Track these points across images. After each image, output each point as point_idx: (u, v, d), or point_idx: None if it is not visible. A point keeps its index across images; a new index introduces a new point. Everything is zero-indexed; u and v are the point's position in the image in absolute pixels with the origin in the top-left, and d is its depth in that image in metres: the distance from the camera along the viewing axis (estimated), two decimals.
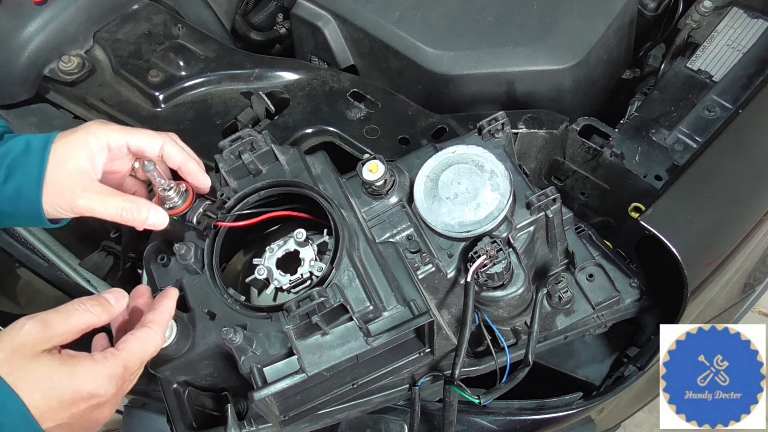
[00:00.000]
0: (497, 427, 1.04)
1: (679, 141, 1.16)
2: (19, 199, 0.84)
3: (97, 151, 0.87)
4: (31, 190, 0.84)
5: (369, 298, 0.85)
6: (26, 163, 0.85)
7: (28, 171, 0.84)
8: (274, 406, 0.90)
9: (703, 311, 1.09)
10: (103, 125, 0.89)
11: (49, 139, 0.86)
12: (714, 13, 1.33)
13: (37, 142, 0.86)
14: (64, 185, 0.84)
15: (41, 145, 0.86)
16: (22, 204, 0.84)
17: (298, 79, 1.29)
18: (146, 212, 0.87)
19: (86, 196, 0.85)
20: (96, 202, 0.85)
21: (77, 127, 0.88)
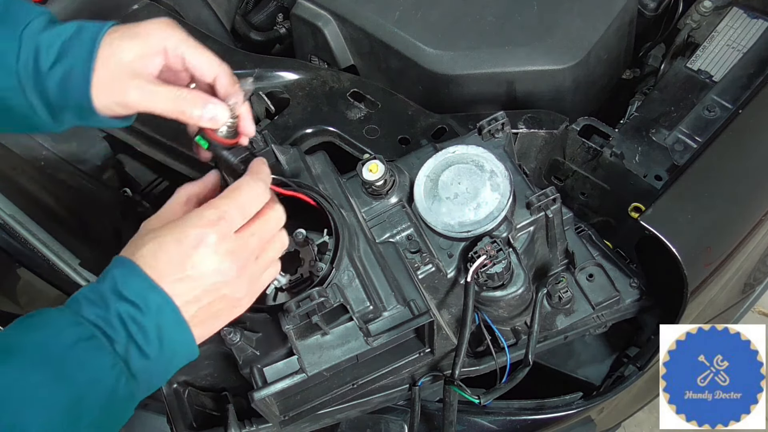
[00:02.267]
0: (497, 427, 1.04)
1: (679, 141, 1.16)
2: (67, 87, 0.78)
3: (156, 52, 0.80)
4: (79, 77, 0.78)
5: (369, 298, 0.85)
6: (77, 46, 0.78)
7: (77, 56, 0.78)
8: (274, 406, 0.90)
9: (703, 311, 1.09)
10: (169, 27, 0.81)
11: (104, 25, 0.80)
12: (714, 13, 1.33)
13: (91, 26, 0.80)
14: (115, 76, 0.78)
15: (95, 29, 0.79)
16: (71, 92, 0.78)
17: (298, 79, 1.29)
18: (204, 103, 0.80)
19: (138, 86, 0.78)
20: (148, 92, 0.79)
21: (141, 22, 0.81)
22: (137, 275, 0.69)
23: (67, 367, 0.64)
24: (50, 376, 0.64)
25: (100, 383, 0.65)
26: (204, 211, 0.73)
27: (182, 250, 0.71)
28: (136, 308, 0.68)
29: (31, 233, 1.36)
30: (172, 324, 0.70)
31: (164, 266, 0.70)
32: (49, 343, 0.65)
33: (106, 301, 0.68)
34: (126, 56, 0.79)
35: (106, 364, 0.66)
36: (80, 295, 0.69)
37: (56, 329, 0.66)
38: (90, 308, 0.67)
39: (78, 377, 0.64)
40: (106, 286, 0.69)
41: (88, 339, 0.65)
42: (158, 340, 0.68)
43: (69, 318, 0.67)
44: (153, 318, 0.68)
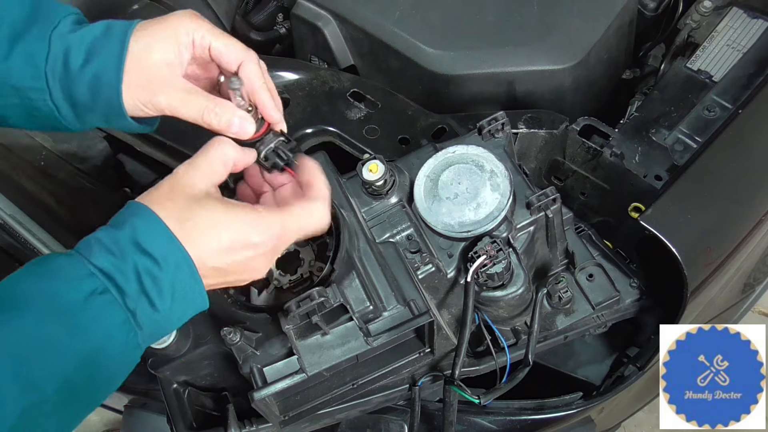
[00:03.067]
0: (497, 427, 1.04)
1: (679, 141, 1.16)
2: (98, 87, 0.77)
3: (184, 46, 0.79)
4: (110, 77, 0.77)
5: (369, 298, 0.85)
6: (106, 46, 0.77)
7: (107, 55, 0.77)
8: (274, 406, 0.90)
9: (703, 311, 1.09)
10: (194, 19, 0.80)
11: (131, 24, 0.80)
12: (714, 13, 1.33)
13: (119, 25, 0.80)
14: (146, 77, 0.78)
15: (123, 28, 0.79)
16: (101, 92, 0.78)
17: (298, 79, 1.29)
18: (231, 116, 0.79)
19: (168, 93, 0.78)
20: (177, 99, 0.78)
21: (165, 15, 0.81)
22: (162, 231, 0.69)
23: (80, 321, 0.64)
24: (64, 330, 0.63)
25: (113, 338, 0.65)
26: (272, 224, 0.74)
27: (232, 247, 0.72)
28: (155, 263, 0.67)
29: (31, 233, 1.36)
30: (187, 283, 0.70)
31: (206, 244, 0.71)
32: (61, 295, 0.64)
33: (124, 250, 0.67)
34: (156, 56, 0.78)
35: (118, 320, 0.66)
36: (93, 240, 0.68)
37: (69, 280, 0.65)
38: (104, 256, 0.67)
39: (92, 332, 0.64)
40: (125, 234, 0.68)
41: (101, 293, 0.65)
42: (171, 296, 0.68)
43: (81, 268, 0.66)
44: (170, 274, 0.68)
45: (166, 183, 0.73)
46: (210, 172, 0.75)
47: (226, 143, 0.77)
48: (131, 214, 0.70)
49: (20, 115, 0.81)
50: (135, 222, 0.69)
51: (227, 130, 0.80)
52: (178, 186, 0.73)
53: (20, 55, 0.76)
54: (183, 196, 0.72)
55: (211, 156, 0.76)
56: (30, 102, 0.79)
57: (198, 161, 0.75)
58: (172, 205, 0.71)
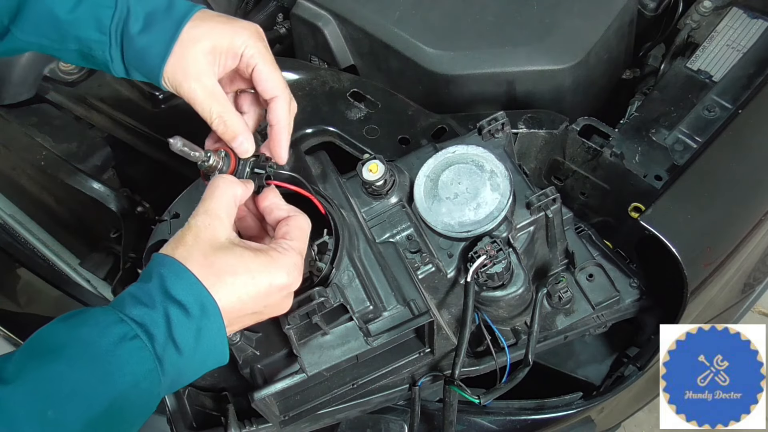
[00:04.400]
0: (497, 427, 1.04)
1: (679, 141, 1.16)
2: (145, 56, 0.81)
3: (232, 54, 0.83)
4: (158, 52, 0.81)
5: (369, 298, 0.85)
6: (163, 23, 0.81)
7: (161, 32, 0.81)
8: (274, 406, 0.90)
9: (703, 311, 1.09)
10: (255, 35, 0.84)
11: (193, 9, 0.83)
12: (714, 13, 1.33)
13: (182, 5, 0.83)
14: (184, 65, 0.81)
15: (184, 10, 0.82)
16: (147, 61, 0.82)
17: (298, 79, 1.29)
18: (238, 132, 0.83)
19: (194, 85, 0.81)
20: (200, 95, 0.82)
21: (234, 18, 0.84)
22: (189, 279, 0.70)
23: (110, 366, 0.65)
24: (94, 375, 0.65)
25: (139, 385, 0.66)
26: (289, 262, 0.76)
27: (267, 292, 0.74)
28: (183, 309, 0.68)
29: (31, 233, 1.36)
30: (212, 330, 0.70)
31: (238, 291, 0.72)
32: (93, 341, 0.66)
33: (153, 299, 0.68)
34: (202, 50, 0.81)
35: (146, 366, 0.66)
36: (126, 294, 0.70)
37: (100, 326, 0.66)
38: (135, 306, 0.68)
39: (119, 377, 0.65)
40: (153, 285, 0.69)
41: (131, 338, 0.66)
42: (195, 343, 0.69)
43: (113, 316, 0.67)
44: (197, 321, 0.69)
45: (188, 235, 0.73)
46: (227, 216, 0.76)
47: (231, 183, 0.79)
48: (158, 265, 0.71)
49: (75, 57, 0.85)
50: (162, 272, 0.70)
51: (229, 142, 0.84)
52: (201, 238, 0.73)
53: (88, 8, 0.80)
54: (209, 246, 0.73)
55: (224, 200, 0.77)
56: (89, 50, 0.83)
57: (212, 208, 0.76)
58: (199, 256, 0.72)
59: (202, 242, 0.73)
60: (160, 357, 0.67)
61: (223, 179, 0.79)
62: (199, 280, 0.70)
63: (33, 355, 0.65)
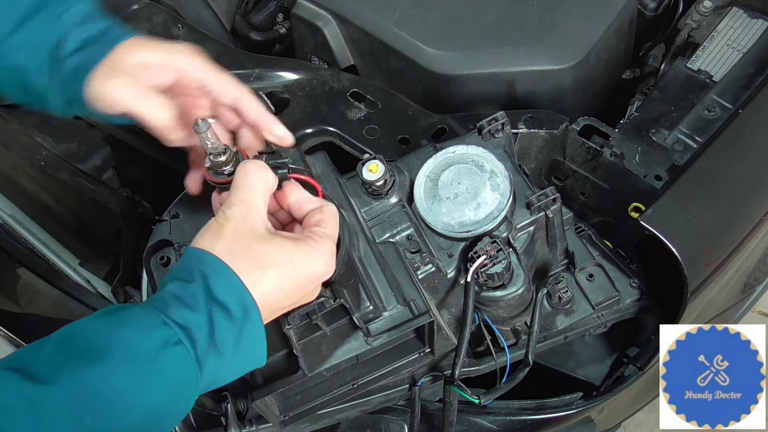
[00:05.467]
0: (497, 427, 1.04)
1: (679, 141, 1.16)
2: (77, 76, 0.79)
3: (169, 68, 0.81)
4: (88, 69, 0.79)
5: (369, 298, 0.85)
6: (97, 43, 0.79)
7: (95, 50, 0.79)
8: (274, 406, 0.90)
9: (703, 311, 1.09)
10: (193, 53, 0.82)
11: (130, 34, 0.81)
12: (714, 13, 1.33)
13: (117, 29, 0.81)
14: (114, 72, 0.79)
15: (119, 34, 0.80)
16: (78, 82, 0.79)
17: (298, 79, 1.29)
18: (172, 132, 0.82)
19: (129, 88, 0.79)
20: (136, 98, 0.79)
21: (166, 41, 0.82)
22: (233, 281, 0.68)
23: (152, 373, 0.63)
24: (136, 381, 0.63)
25: (180, 394, 0.65)
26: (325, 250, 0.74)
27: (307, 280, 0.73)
28: (227, 313, 0.67)
29: (31, 233, 1.36)
30: (253, 333, 0.69)
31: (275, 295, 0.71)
32: (136, 345, 0.63)
33: (198, 301, 0.66)
34: (134, 59, 0.79)
35: (188, 375, 0.65)
36: (167, 295, 0.67)
37: (144, 329, 0.64)
38: (179, 309, 0.66)
39: (161, 385, 0.64)
40: (197, 286, 0.67)
41: (175, 344, 0.64)
42: (235, 347, 0.67)
43: (157, 318, 0.65)
44: (239, 324, 0.67)
45: (227, 227, 0.71)
46: (263, 205, 0.74)
47: (263, 169, 0.76)
48: (200, 263, 0.69)
49: (9, 88, 0.83)
50: (206, 271, 0.68)
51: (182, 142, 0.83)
52: (241, 230, 0.71)
53: (26, 34, 0.79)
54: (250, 238, 0.71)
55: (258, 188, 0.75)
56: (25, 79, 0.80)
57: (248, 197, 0.73)
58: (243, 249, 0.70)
59: (242, 234, 0.70)
60: (201, 362, 0.65)
61: (255, 165, 0.76)
62: (242, 281, 0.68)
63: (71, 355, 0.62)
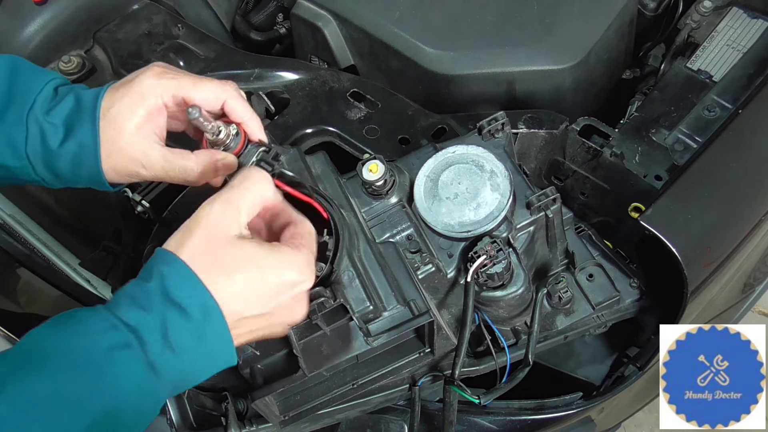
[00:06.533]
0: (497, 427, 1.04)
1: (679, 141, 1.16)
2: (79, 164, 0.79)
3: (156, 111, 0.80)
4: (89, 155, 0.78)
5: (369, 298, 0.85)
6: (80, 124, 0.78)
7: (82, 134, 0.78)
8: (274, 406, 0.90)
9: (703, 311, 1.09)
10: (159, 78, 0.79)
11: (100, 93, 0.79)
12: (714, 13, 1.33)
13: (88, 98, 0.79)
14: (122, 150, 0.78)
15: (92, 101, 0.79)
16: (82, 168, 0.79)
17: (298, 79, 1.29)
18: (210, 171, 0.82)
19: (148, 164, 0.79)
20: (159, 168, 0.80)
21: (131, 77, 0.80)
22: (190, 280, 0.66)
23: (99, 378, 0.62)
24: (81, 387, 0.61)
25: (132, 395, 0.63)
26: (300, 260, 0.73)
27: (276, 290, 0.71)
28: (182, 313, 0.65)
29: (31, 233, 1.36)
30: (216, 333, 0.68)
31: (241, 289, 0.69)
32: (81, 350, 0.62)
33: (151, 301, 0.65)
34: (129, 126, 0.78)
35: (139, 377, 0.63)
36: (122, 294, 0.66)
37: (89, 335, 0.63)
38: (131, 309, 0.65)
39: (110, 388, 0.62)
40: (153, 285, 0.66)
41: (123, 347, 0.63)
42: (195, 348, 0.66)
43: (105, 321, 0.64)
44: (197, 325, 0.66)
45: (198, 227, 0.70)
46: (246, 213, 0.73)
47: (265, 182, 0.75)
48: (160, 262, 0.68)
49: (7, 180, 0.83)
50: (164, 271, 0.67)
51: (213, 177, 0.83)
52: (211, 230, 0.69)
53: (3, 139, 0.78)
54: (218, 240, 0.69)
55: (251, 196, 0.73)
56: (15, 175, 0.81)
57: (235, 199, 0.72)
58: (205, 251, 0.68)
59: (212, 236, 0.69)
60: (153, 364, 0.64)
61: (260, 173, 0.75)
62: (203, 282, 0.66)
63: (17, 366, 0.61)
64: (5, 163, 0.79)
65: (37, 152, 0.78)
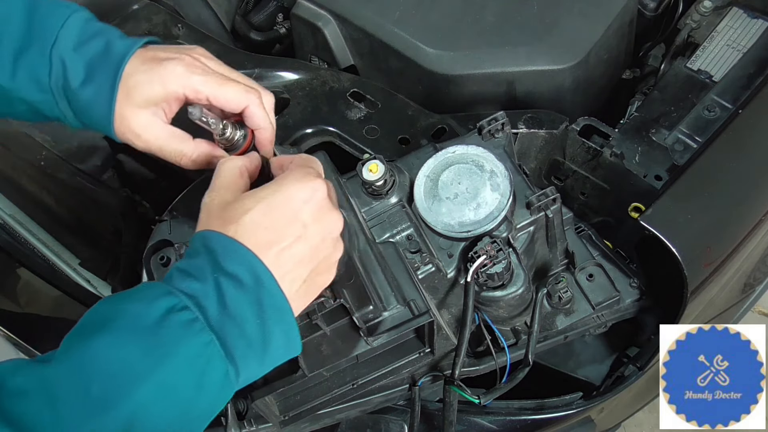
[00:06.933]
0: (497, 427, 1.04)
1: (679, 141, 1.16)
2: (93, 107, 0.80)
3: (174, 100, 0.81)
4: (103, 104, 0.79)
5: (369, 298, 0.85)
6: (102, 71, 0.79)
7: (102, 80, 0.79)
8: (274, 405, 0.90)
9: (703, 311, 1.09)
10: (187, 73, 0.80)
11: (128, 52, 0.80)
12: (714, 13, 1.33)
13: (118, 51, 0.80)
14: (126, 123, 0.80)
15: (120, 55, 0.79)
16: (95, 114, 0.80)
17: (298, 79, 1.29)
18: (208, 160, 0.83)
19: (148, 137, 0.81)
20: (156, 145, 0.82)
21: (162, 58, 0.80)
22: (236, 248, 0.67)
23: (159, 340, 0.62)
24: (141, 349, 0.61)
25: (195, 362, 0.62)
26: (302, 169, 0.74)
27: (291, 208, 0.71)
28: (236, 281, 0.65)
29: (31, 233, 1.36)
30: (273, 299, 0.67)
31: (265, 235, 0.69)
32: (139, 314, 0.63)
33: (204, 272, 0.65)
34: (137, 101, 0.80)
35: (201, 340, 0.63)
36: (174, 270, 0.67)
37: (148, 299, 0.64)
38: (184, 280, 0.65)
39: (172, 352, 0.62)
40: (202, 258, 0.67)
41: (181, 309, 0.63)
42: (257, 317, 0.66)
43: (160, 289, 0.65)
44: (252, 292, 0.66)
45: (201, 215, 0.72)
46: (233, 186, 0.74)
47: (232, 159, 0.77)
48: (202, 240, 0.69)
49: (28, 116, 0.84)
50: (212, 246, 0.67)
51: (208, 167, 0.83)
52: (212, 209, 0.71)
53: (24, 72, 0.79)
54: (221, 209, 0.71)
55: (227, 174, 0.75)
56: (38, 110, 0.82)
57: (217, 184, 0.74)
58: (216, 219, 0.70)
59: (214, 210, 0.71)
60: (217, 331, 0.63)
61: (224, 161, 0.77)
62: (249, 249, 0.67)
63: (79, 334, 0.63)
64: (30, 98, 0.80)
65: (59, 87, 0.79)
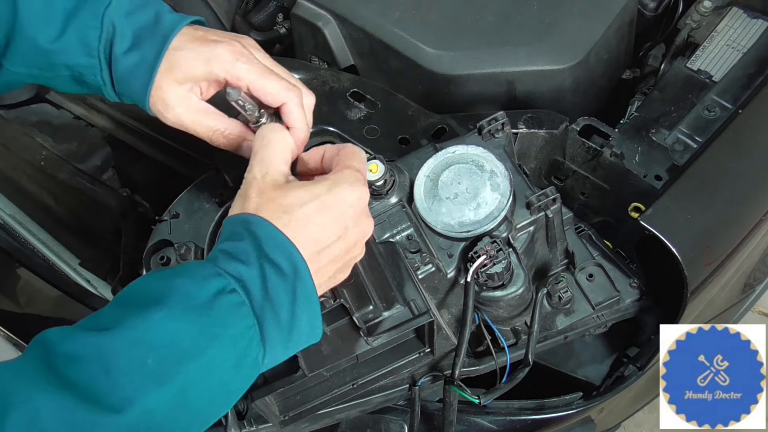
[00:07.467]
0: (497, 427, 1.04)
1: (679, 141, 1.16)
2: (133, 76, 0.80)
3: (214, 82, 0.82)
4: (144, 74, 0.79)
5: (369, 298, 0.85)
6: (149, 41, 0.79)
7: (148, 50, 0.79)
8: (274, 406, 0.90)
9: (703, 311, 1.09)
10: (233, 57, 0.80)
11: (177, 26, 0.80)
12: (714, 13, 1.33)
13: (167, 23, 0.80)
14: (161, 94, 0.80)
15: (170, 27, 0.80)
16: (134, 84, 0.80)
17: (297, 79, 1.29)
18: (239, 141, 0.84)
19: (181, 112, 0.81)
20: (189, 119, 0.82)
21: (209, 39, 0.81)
22: (279, 238, 0.68)
23: (209, 319, 0.63)
24: (194, 326, 0.63)
25: (237, 343, 0.64)
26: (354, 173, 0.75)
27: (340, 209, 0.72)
28: (278, 269, 0.67)
29: (31, 233, 1.36)
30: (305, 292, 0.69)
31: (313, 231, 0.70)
32: (191, 292, 0.64)
33: (249, 257, 0.67)
34: (177, 77, 0.80)
35: (245, 323, 0.64)
36: (217, 252, 0.68)
37: (198, 279, 0.65)
38: (231, 263, 0.66)
39: (220, 332, 0.63)
40: (247, 243, 0.68)
41: (230, 292, 0.64)
42: (291, 305, 0.67)
43: (210, 269, 0.66)
44: (291, 281, 0.67)
45: (250, 190, 0.72)
46: (282, 161, 0.75)
47: (279, 129, 0.78)
48: (245, 224, 0.69)
49: (69, 85, 0.84)
50: (255, 232, 0.68)
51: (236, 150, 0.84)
52: (263, 188, 0.72)
53: (74, 33, 0.79)
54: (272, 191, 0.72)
55: (278, 148, 0.76)
56: (81, 76, 0.81)
57: (266, 156, 0.75)
58: (269, 202, 0.70)
59: (265, 190, 0.71)
60: (258, 316, 0.65)
61: (270, 128, 0.77)
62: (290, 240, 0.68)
63: (131, 305, 0.63)
64: (75, 62, 0.80)
65: (106, 53, 0.79)
